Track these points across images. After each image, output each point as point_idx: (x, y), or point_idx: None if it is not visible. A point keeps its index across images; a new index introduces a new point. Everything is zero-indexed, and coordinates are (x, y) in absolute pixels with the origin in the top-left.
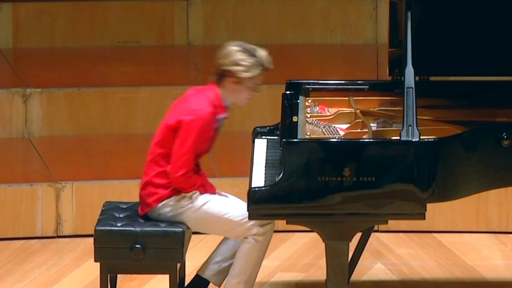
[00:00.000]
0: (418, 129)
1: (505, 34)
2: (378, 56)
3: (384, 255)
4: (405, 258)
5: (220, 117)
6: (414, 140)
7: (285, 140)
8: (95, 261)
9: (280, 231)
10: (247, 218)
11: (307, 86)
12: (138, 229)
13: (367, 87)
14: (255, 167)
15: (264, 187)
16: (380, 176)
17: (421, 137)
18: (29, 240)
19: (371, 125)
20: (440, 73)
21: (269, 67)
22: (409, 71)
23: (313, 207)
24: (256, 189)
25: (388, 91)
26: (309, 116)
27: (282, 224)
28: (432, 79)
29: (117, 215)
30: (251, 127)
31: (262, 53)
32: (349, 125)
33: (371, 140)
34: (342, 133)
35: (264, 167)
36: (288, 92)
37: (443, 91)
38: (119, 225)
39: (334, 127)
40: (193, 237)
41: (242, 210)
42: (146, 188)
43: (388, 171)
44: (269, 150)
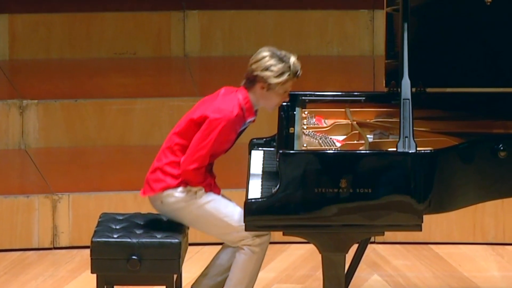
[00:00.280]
0: (414, 141)
1: (501, 45)
2: (374, 67)
3: (380, 267)
4: (401, 269)
5: (248, 121)
6: (410, 151)
7: (281, 151)
8: (91, 272)
9: (276, 243)
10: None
11: (303, 97)
12: (134, 240)
13: (364, 98)
14: (251, 179)
15: (260, 198)
16: (376, 187)
17: (418, 149)
18: (25, 251)
19: (368, 136)
20: (436, 85)
21: (299, 73)
22: (406, 82)
23: (309, 219)
24: (252, 200)
25: (384, 103)
26: (305, 127)
27: (278, 235)
28: (428, 90)
29: (114, 227)
30: (247, 138)
31: (292, 59)
32: (345, 137)
33: (367, 151)
34: (338, 145)
35: (260, 179)
36: (284, 103)
37: (440, 103)
38: (115, 236)
39: (330, 138)
40: (190, 248)
41: (241, 217)
42: (155, 172)
43: (384, 182)
44: (266, 161)
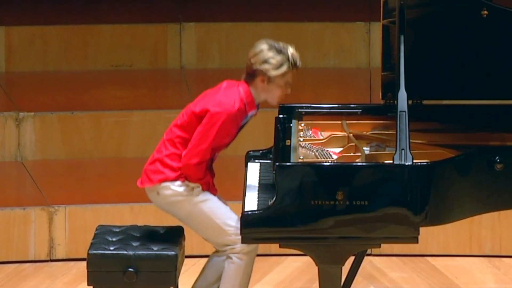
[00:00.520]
0: (411, 153)
1: (497, 58)
2: (371, 79)
3: (377, 279)
4: (398, 282)
5: (249, 114)
6: (407, 163)
7: (278, 163)
8: (88, 285)
9: (273, 255)
10: (236, 232)
11: (300, 109)
12: (131, 252)
13: (360, 110)
14: (248, 191)
15: (257, 210)
16: (373, 200)
17: (414, 161)
18: (22, 264)
19: (364, 148)
20: (433, 97)
21: (298, 63)
22: (402, 94)
23: (306, 231)
24: (249, 212)
25: (381, 115)
26: (302, 139)
27: (275, 247)
28: (425, 102)
29: (110, 239)
30: (244, 150)
31: (290, 50)
32: (342, 149)
33: (364, 164)
34: (335, 157)
35: (257, 191)
36: (281, 115)
37: (436, 115)
38: (112, 248)
39: (327, 150)
40: (186, 260)
41: (234, 222)
42: (154, 163)
43: (381, 195)
44: (262, 173)
